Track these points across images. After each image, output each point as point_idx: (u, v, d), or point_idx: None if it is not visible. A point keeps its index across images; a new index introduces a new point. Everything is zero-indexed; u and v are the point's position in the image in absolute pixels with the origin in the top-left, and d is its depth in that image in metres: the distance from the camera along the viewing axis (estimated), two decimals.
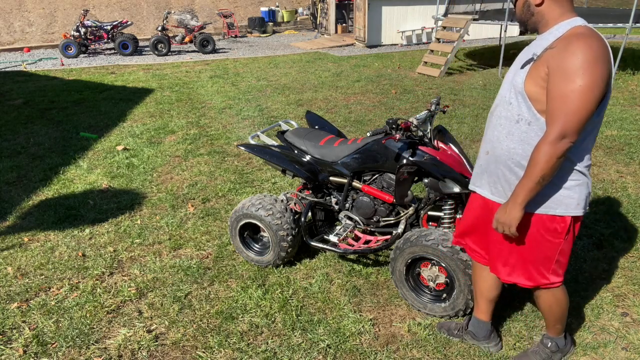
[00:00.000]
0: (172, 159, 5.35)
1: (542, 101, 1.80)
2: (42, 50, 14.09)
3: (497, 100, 2.02)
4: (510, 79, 1.94)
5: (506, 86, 1.96)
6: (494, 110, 2.02)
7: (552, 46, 1.76)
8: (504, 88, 1.98)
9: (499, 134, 1.97)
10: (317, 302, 2.92)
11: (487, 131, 2.07)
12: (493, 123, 2.01)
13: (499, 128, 1.97)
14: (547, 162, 1.75)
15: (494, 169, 2.02)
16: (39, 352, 2.56)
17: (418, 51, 12.52)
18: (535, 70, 1.80)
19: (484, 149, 2.09)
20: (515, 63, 1.97)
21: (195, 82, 9.26)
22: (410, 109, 7.11)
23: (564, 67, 1.69)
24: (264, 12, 17.20)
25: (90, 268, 3.31)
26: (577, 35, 1.71)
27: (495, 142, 1.99)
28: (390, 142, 2.89)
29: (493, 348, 2.47)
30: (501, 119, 1.96)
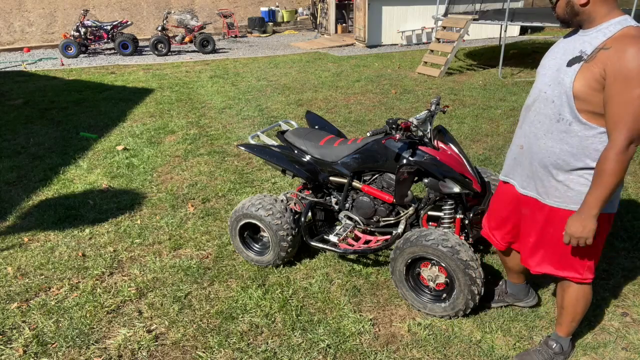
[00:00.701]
0: (172, 159, 5.35)
1: (589, 101, 1.77)
2: (42, 50, 14.09)
3: (534, 95, 1.99)
4: (553, 75, 1.89)
5: (547, 81, 1.91)
6: (532, 105, 1.99)
7: (607, 47, 1.72)
8: (543, 83, 1.94)
9: (536, 131, 1.95)
10: (317, 302, 2.92)
11: (522, 125, 2.05)
12: (530, 118, 1.99)
13: (537, 125, 1.95)
14: (620, 170, 1.74)
15: (528, 165, 2.03)
16: (39, 352, 2.56)
17: (418, 51, 12.52)
18: (588, 70, 1.75)
19: (517, 142, 2.08)
20: (556, 58, 1.91)
21: (195, 82, 9.26)
22: (410, 109, 7.11)
23: (625, 72, 1.66)
24: (264, 12, 17.20)
25: (90, 268, 3.31)
26: (633, 37, 1.68)
27: (532, 138, 1.98)
28: (390, 142, 2.89)
29: (532, 302, 2.70)
30: (540, 116, 1.94)
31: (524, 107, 2.06)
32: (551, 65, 1.93)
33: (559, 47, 1.94)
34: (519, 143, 2.07)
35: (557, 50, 1.94)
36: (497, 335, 2.60)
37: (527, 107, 2.03)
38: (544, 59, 2.01)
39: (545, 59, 2.00)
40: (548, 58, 1.98)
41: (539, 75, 1.99)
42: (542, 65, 2.01)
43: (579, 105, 1.80)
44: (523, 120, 2.05)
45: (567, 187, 1.93)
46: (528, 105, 2.02)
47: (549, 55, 1.98)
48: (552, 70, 1.91)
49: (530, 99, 2.01)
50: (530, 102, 2.01)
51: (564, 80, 1.83)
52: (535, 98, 1.98)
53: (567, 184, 1.93)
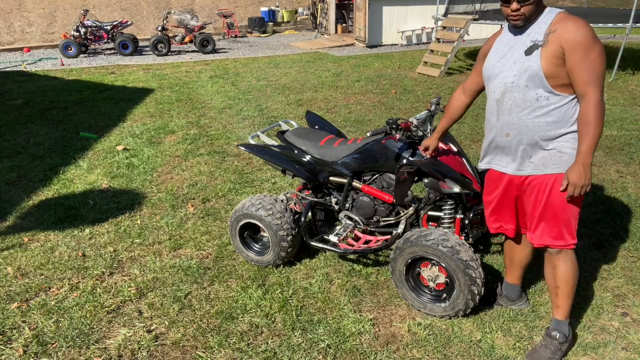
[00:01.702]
0: (172, 159, 5.35)
1: (557, 76, 2.10)
2: (42, 50, 14.09)
3: (499, 89, 2.25)
4: (515, 68, 2.18)
5: (511, 74, 2.19)
6: (503, 98, 2.24)
7: (552, 30, 2.10)
8: (507, 76, 2.21)
9: (520, 115, 2.21)
10: (317, 302, 2.92)
11: (500, 117, 2.28)
12: (507, 108, 2.24)
13: (517, 110, 2.21)
14: (601, 117, 2.06)
15: (518, 147, 2.27)
16: (39, 352, 2.56)
17: (418, 51, 12.53)
18: (548, 52, 2.09)
19: (501, 132, 2.30)
20: (505, 55, 2.24)
21: (195, 82, 9.26)
22: (410, 109, 7.11)
23: (579, 42, 2.03)
24: (264, 12, 17.20)
25: (90, 268, 3.31)
26: (568, 17, 2.10)
27: (518, 122, 2.22)
28: (390, 142, 2.89)
29: (523, 305, 2.80)
30: (517, 102, 2.20)
31: (494, 102, 2.30)
32: (504, 62, 2.24)
33: (499, 48, 2.29)
34: (503, 132, 2.30)
35: (499, 50, 2.28)
36: (497, 335, 2.60)
37: (498, 101, 2.27)
38: (488, 62, 2.32)
39: (491, 61, 2.30)
40: (493, 59, 2.29)
41: (495, 73, 2.27)
42: (491, 66, 2.29)
43: (551, 82, 2.12)
44: (498, 113, 2.29)
45: (560, 152, 2.20)
46: (498, 99, 2.27)
47: (492, 57, 2.30)
48: (509, 65, 2.21)
49: (497, 93, 2.27)
50: (499, 96, 2.26)
51: (530, 66, 2.13)
52: (503, 91, 2.24)
53: (559, 150, 2.19)
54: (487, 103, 2.36)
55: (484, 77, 2.37)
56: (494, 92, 2.28)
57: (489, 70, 2.30)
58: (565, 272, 2.36)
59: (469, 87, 2.57)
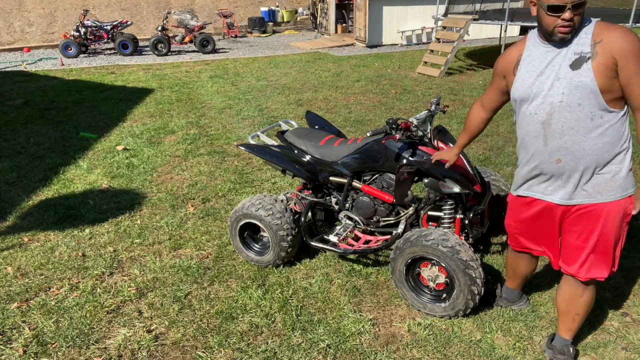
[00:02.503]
0: (172, 159, 5.35)
1: (612, 90, 1.92)
2: (42, 50, 14.09)
3: (544, 110, 2.01)
4: (561, 85, 1.95)
5: (559, 91, 1.96)
6: (551, 119, 2.00)
7: (598, 40, 1.91)
8: (554, 94, 1.98)
9: (574, 138, 1.98)
10: (317, 302, 2.92)
11: (549, 141, 2.04)
12: (557, 131, 2.00)
13: (570, 132, 1.98)
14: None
15: (571, 174, 2.04)
16: (39, 352, 2.56)
17: (418, 51, 12.52)
18: (600, 64, 1.89)
19: (550, 158, 2.05)
20: (543, 73, 2.00)
21: (195, 82, 9.26)
22: (410, 109, 7.11)
23: (633, 49, 1.86)
24: (264, 12, 17.20)
25: (90, 268, 3.31)
26: (608, 25, 1.94)
27: (572, 146, 1.99)
28: (390, 142, 2.89)
29: (524, 305, 2.78)
30: (569, 123, 1.97)
31: (538, 125, 2.05)
32: (543, 80, 2.01)
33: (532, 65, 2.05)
34: (552, 159, 2.04)
35: (533, 67, 2.04)
36: (497, 335, 2.60)
37: (545, 123, 2.02)
38: (521, 82, 2.07)
39: (526, 81, 2.05)
40: (528, 78, 2.05)
41: (534, 93, 2.03)
42: (527, 86, 2.05)
43: (605, 97, 1.92)
44: (545, 137, 2.04)
45: (614, 177, 2.01)
46: (545, 122, 2.02)
47: (526, 77, 2.05)
48: (550, 82, 1.98)
49: (542, 115, 2.02)
50: (545, 118, 2.02)
51: (582, 82, 1.91)
52: (550, 112, 1.99)
53: (614, 174, 2.01)
54: (524, 126, 2.12)
55: (515, 98, 2.11)
56: (537, 114, 2.03)
57: (524, 91, 2.05)
58: (589, 301, 2.25)
59: (488, 105, 2.38)
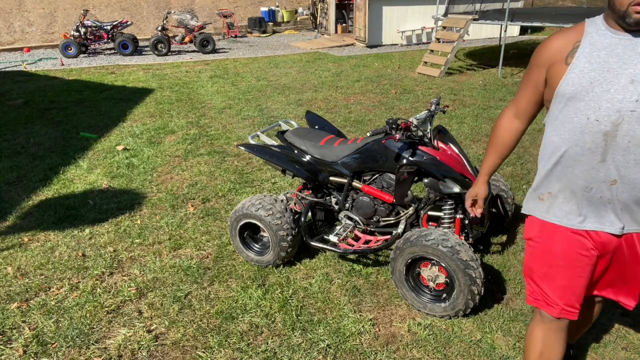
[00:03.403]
0: (172, 159, 5.35)
1: None
2: (42, 50, 14.09)
3: (608, 117, 1.57)
4: (634, 89, 1.54)
5: (630, 97, 1.54)
6: (617, 131, 1.57)
7: None
8: (619, 101, 1.55)
9: (638, 157, 1.57)
10: (317, 302, 2.92)
11: (607, 157, 1.61)
12: (622, 146, 1.58)
13: (638, 150, 1.57)
14: None
15: (629, 198, 1.65)
16: (39, 352, 2.56)
17: (418, 51, 12.52)
18: None
19: (606, 177, 1.63)
20: (613, 67, 1.57)
21: (195, 82, 9.26)
22: (410, 109, 7.11)
23: None
24: (264, 12, 17.20)
25: (90, 268, 3.31)
26: None
27: (634, 165, 1.59)
28: (390, 142, 2.89)
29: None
30: (637, 139, 1.56)
31: (598, 135, 1.60)
32: (610, 78, 1.56)
33: (596, 55, 1.59)
34: (608, 178, 1.63)
35: (598, 58, 1.58)
36: (497, 335, 2.60)
37: (609, 135, 1.59)
38: (577, 71, 1.60)
39: (585, 70, 1.59)
40: (588, 68, 1.59)
41: (594, 91, 1.58)
42: (586, 78, 1.59)
43: None
44: (605, 151, 1.60)
45: None
46: (609, 133, 1.58)
47: (585, 66, 1.59)
48: (622, 84, 1.55)
49: (606, 123, 1.58)
50: (610, 129, 1.57)
51: None
52: (617, 121, 1.56)
53: None
54: (570, 132, 1.65)
55: (563, 93, 1.64)
56: (598, 121, 1.58)
57: (582, 85, 1.59)
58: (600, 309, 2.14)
59: (524, 110, 1.86)
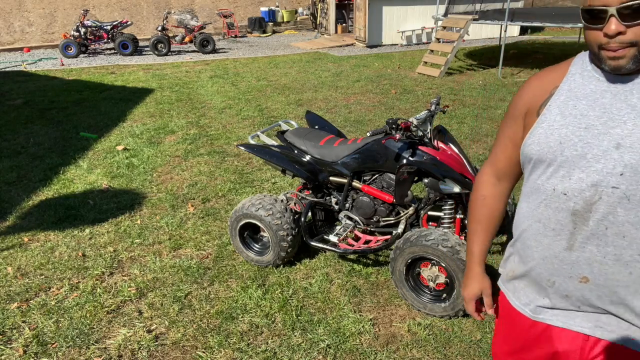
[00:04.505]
0: (172, 159, 5.35)
1: None
2: (42, 50, 14.09)
3: (580, 192, 1.13)
4: (618, 157, 1.08)
5: (613, 168, 1.09)
6: (588, 213, 1.13)
7: None
8: (598, 170, 1.11)
9: (621, 252, 1.12)
10: (317, 302, 2.92)
11: (576, 245, 1.17)
12: (597, 233, 1.13)
13: (619, 242, 1.12)
14: None
15: (601, 299, 1.18)
16: (39, 352, 2.56)
17: (418, 51, 12.52)
18: None
19: (572, 271, 1.19)
20: (594, 123, 1.12)
21: (195, 82, 9.26)
22: (410, 109, 7.11)
23: None
24: (264, 12, 17.20)
25: (90, 268, 3.31)
26: None
27: (612, 263, 1.13)
28: (390, 142, 2.89)
29: None
30: (622, 227, 1.11)
31: (566, 214, 1.16)
32: (590, 139, 1.12)
33: (574, 106, 1.16)
34: (575, 273, 1.19)
35: (576, 110, 1.15)
36: None
37: (578, 215, 1.15)
38: (548, 130, 1.18)
39: (559, 130, 1.16)
40: (567, 125, 1.15)
41: (566, 156, 1.14)
42: (556, 139, 1.16)
43: None
44: (573, 237, 1.17)
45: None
46: (578, 213, 1.14)
47: (559, 122, 1.16)
48: (605, 148, 1.10)
49: (576, 201, 1.14)
50: (581, 207, 1.14)
51: None
52: (591, 199, 1.12)
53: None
54: (536, 206, 1.23)
55: (529, 155, 1.23)
56: (566, 195, 1.16)
57: (549, 147, 1.17)
58: None
59: (506, 170, 1.40)
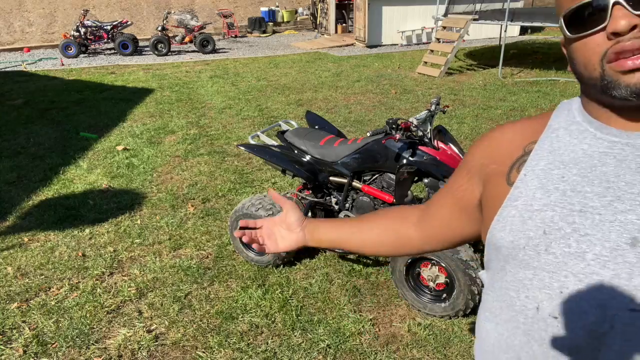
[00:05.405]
0: (172, 159, 5.35)
1: None
2: (42, 50, 14.09)
3: (586, 319, 0.69)
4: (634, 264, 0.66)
5: (627, 282, 0.66)
6: (598, 350, 0.69)
7: None
8: (616, 297, 0.67)
9: None
10: (317, 302, 2.92)
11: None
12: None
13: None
14: None
15: None
16: (39, 352, 2.56)
17: (418, 51, 12.52)
18: None
19: None
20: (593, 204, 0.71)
21: (195, 82, 9.26)
22: (410, 109, 7.10)
23: None
24: (264, 12, 17.20)
25: (90, 268, 3.31)
26: None
27: None
28: (390, 142, 2.89)
29: None
30: None
31: (563, 353, 0.72)
32: (626, 224, 0.68)
33: (567, 173, 0.75)
34: None
35: (569, 180, 0.74)
36: None
37: (580, 354, 0.71)
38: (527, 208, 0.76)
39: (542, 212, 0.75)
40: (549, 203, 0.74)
41: (573, 252, 0.71)
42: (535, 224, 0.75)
43: None
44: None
45: None
46: (578, 350, 0.71)
47: (545, 199, 0.75)
48: (623, 239, 0.68)
49: (576, 330, 0.70)
50: (581, 342, 0.70)
51: None
52: (597, 330, 0.69)
53: None
54: (501, 318, 0.80)
55: (495, 242, 0.80)
56: (557, 317, 0.71)
57: (526, 230, 0.75)
58: None
59: (432, 224, 1.01)
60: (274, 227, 1.09)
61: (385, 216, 1.08)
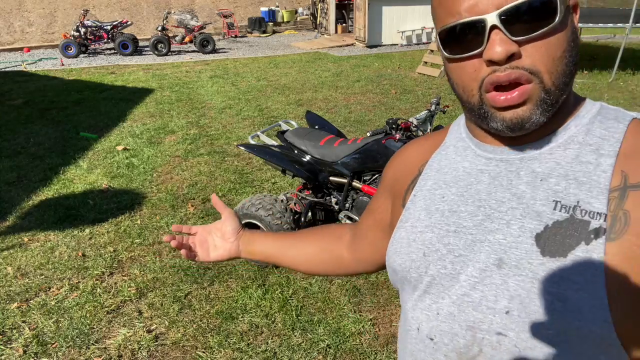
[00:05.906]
0: (172, 159, 5.35)
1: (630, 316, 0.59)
2: (42, 50, 14.09)
3: (457, 342, 0.68)
4: (501, 283, 0.64)
5: (503, 302, 0.64)
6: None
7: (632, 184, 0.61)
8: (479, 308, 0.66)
9: None
10: (317, 302, 2.92)
11: None
12: None
13: None
14: None
15: None
16: (39, 352, 2.56)
17: (418, 51, 12.52)
18: (628, 255, 0.58)
19: None
20: (464, 225, 0.70)
21: (195, 82, 9.26)
22: (410, 109, 7.11)
23: None
24: (264, 12, 17.20)
25: (90, 268, 3.31)
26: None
27: None
28: (390, 142, 2.89)
29: None
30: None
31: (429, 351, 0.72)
32: (493, 244, 0.67)
33: (447, 193, 0.74)
34: None
35: (449, 201, 0.73)
36: None
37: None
38: (412, 231, 0.75)
39: (423, 235, 0.74)
40: (430, 225, 0.73)
41: (448, 273, 0.70)
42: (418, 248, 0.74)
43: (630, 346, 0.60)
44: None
45: None
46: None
47: (428, 221, 0.74)
48: (481, 264, 0.67)
49: (448, 352, 0.70)
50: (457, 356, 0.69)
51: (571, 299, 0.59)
52: (466, 353, 0.68)
53: None
54: (400, 347, 0.83)
55: (390, 265, 0.80)
56: (432, 338, 0.71)
57: (410, 252, 0.74)
58: None
59: (360, 254, 0.99)
60: (208, 235, 1.07)
61: (322, 234, 1.06)
